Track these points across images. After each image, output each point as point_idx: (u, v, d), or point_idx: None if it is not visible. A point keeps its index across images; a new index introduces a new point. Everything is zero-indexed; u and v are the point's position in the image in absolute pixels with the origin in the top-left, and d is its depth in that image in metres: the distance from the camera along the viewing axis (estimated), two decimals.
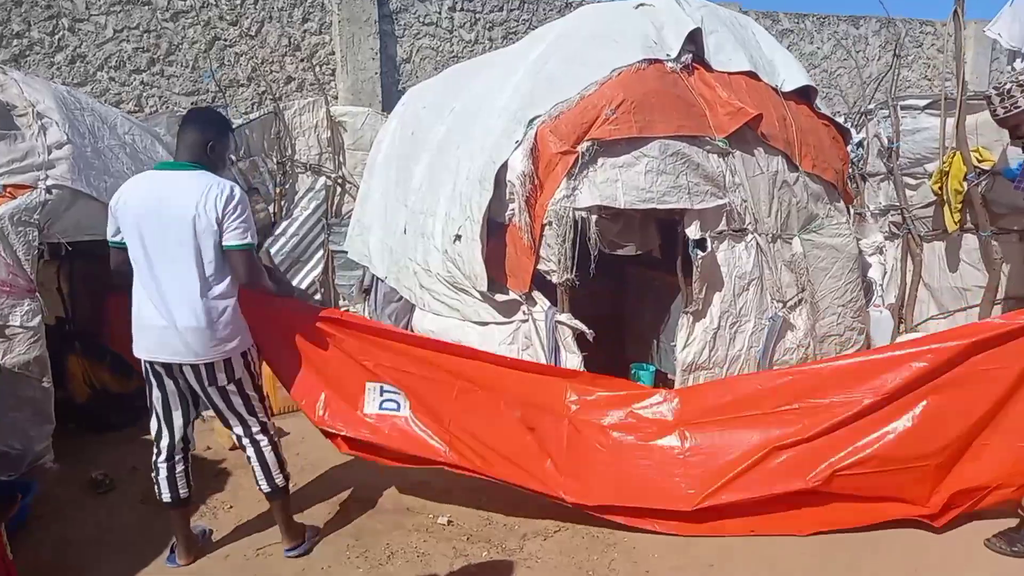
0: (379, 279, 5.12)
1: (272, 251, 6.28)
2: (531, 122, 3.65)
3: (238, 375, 3.11)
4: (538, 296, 3.77)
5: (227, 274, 2.99)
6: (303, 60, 6.90)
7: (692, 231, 3.80)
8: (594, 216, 3.63)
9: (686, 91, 3.82)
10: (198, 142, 3.00)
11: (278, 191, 6.26)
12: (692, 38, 3.96)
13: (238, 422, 3.21)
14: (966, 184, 4.71)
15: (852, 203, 4.89)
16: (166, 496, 3.19)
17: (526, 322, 3.79)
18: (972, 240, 5.03)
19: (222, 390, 3.11)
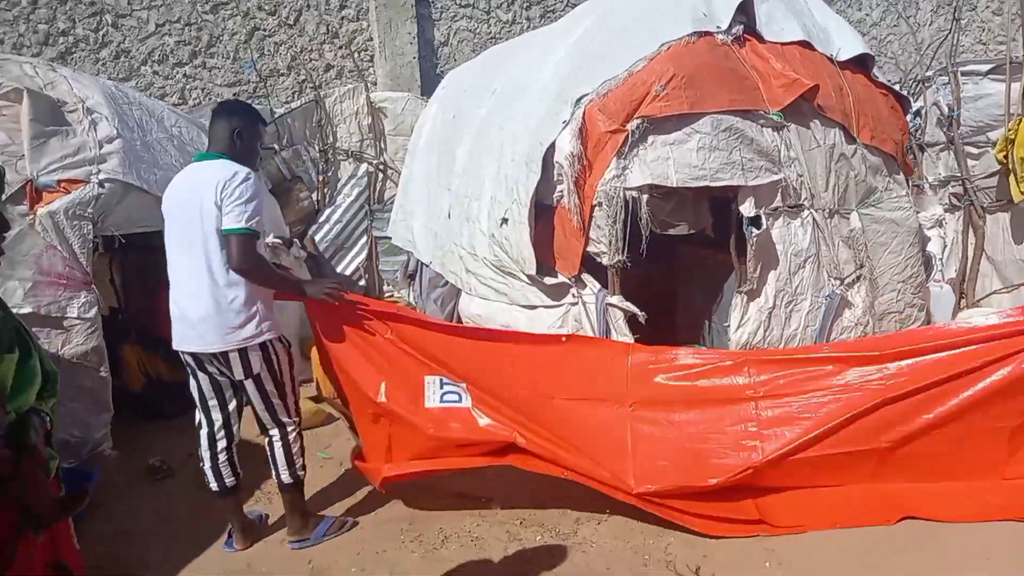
0: (424, 264, 5.11)
1: (316, 238, 6.33)
2: (578, 101, 3.57)
3: (256, 370, 3.07)
4: (588, 279, 3.71)
5: None
6: (341, 47, 6.89)
7: (746, 208, 3.69)
8: (645, 196, 3.54)
9: (738, 64, 3.69)
10: (224, 132, 3.05)
11: (321, 179, 6.29)
12: (743, 8, 3.82)
13: (255, 416, 3.23)
14: None
15: (911, 175, 4.70)
16: (213, 485, 3.23)
17: (576, 305, 3.73)
18: None
19: (240, 384, 3.11)
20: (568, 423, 3.34)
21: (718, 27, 3.77)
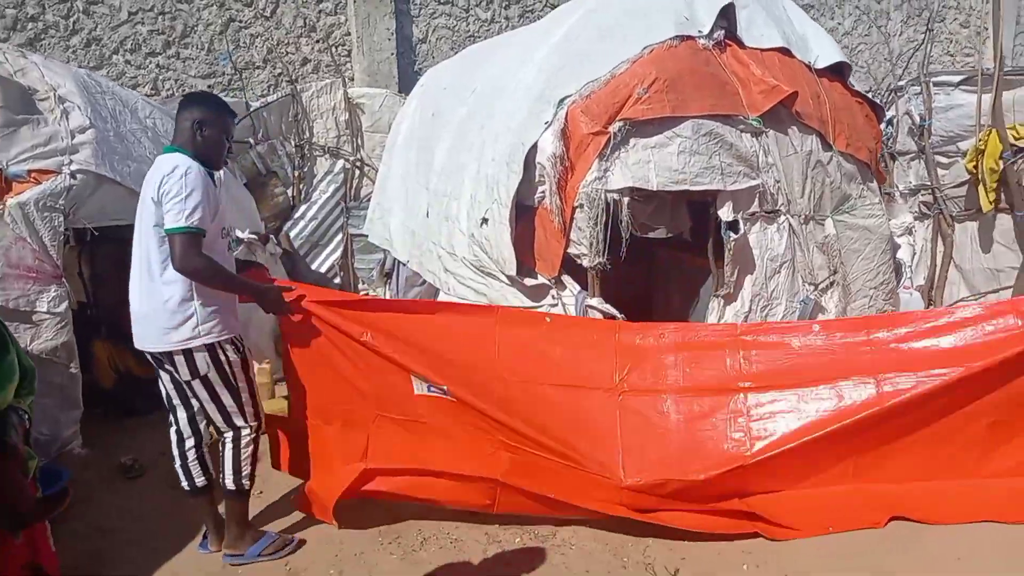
0: (401, 263, 5.08)
1: (291, 235, 6.26)
2: (561, 102, 3.58)
3: (203, 371, 2.95)
4: (568, 280, 3.72)
5: None
6: (319, 41, 6.81)
7: (725, 213, 3.73)
8: (626, 198, 3.56)
9: (719, 69, 3.73)
10: (185, 124, 2.97)
11: (296, 174, 6.23)
12: (724, 14, 3.86)
13: (206, 418, 3.12)
14: (1002, 162, 4.62)
15: (884, 183, 4.80)
16: (184, 484, 3.17)
17: (555, 306, 3.73)
18: (1006, 220, 4.95)
19: (187, 384, 3.00)
20: (556, 413, 3.26)
21: (700, 31, 3.81)
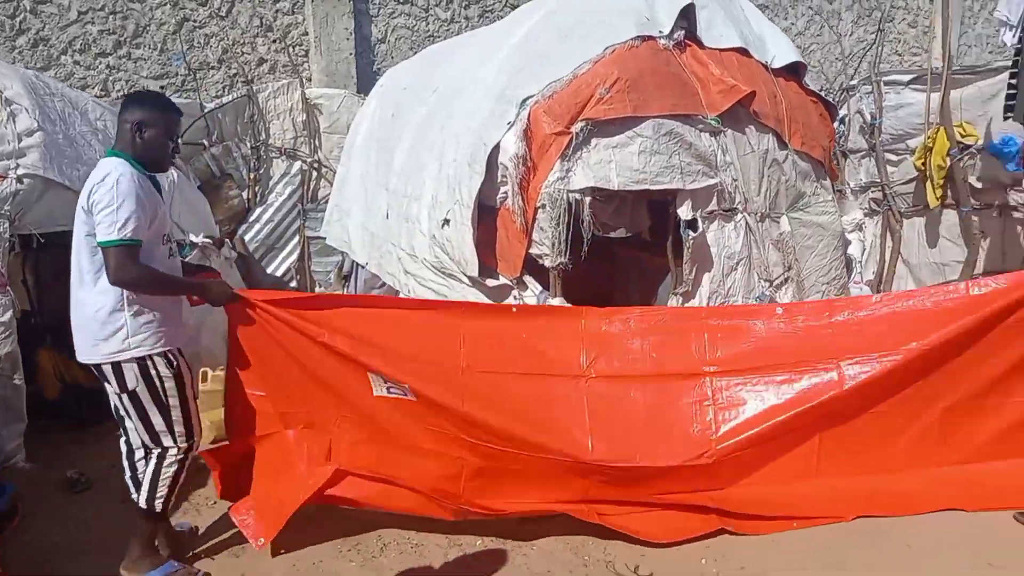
0: (360, 265, 5.02)
1: (247, 238, 6.15)
2: (524, 102, 3.57)
3: (131, 385, 2.84)
4: (529, 280, 3.71)
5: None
6: (275, 41, 6.70)
7: (684, 211, 3.76)
8: (588, 198, 3.57)
9: (679, 69, 3.76)
10: (125, 128, 2.87)
11: (252, 176, 6.12)
12: (685, 14, 3.89)
13: (135, 434, 3.00)
14: (949, 159, 4.74)
15: (836, 180, 4.89)
16: (133, 495, 3.05)
17: None
18: (952, 215, 5.08)
19: (118, 397, 2.89)
20: (523, 402, 3.22)
21: (660, 32, 3.83)
